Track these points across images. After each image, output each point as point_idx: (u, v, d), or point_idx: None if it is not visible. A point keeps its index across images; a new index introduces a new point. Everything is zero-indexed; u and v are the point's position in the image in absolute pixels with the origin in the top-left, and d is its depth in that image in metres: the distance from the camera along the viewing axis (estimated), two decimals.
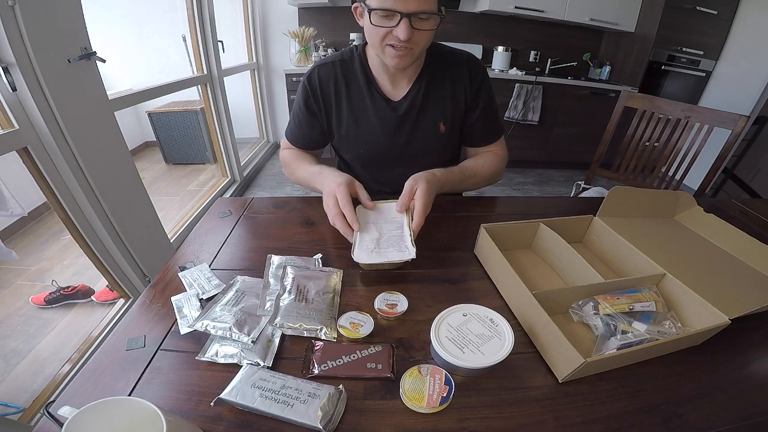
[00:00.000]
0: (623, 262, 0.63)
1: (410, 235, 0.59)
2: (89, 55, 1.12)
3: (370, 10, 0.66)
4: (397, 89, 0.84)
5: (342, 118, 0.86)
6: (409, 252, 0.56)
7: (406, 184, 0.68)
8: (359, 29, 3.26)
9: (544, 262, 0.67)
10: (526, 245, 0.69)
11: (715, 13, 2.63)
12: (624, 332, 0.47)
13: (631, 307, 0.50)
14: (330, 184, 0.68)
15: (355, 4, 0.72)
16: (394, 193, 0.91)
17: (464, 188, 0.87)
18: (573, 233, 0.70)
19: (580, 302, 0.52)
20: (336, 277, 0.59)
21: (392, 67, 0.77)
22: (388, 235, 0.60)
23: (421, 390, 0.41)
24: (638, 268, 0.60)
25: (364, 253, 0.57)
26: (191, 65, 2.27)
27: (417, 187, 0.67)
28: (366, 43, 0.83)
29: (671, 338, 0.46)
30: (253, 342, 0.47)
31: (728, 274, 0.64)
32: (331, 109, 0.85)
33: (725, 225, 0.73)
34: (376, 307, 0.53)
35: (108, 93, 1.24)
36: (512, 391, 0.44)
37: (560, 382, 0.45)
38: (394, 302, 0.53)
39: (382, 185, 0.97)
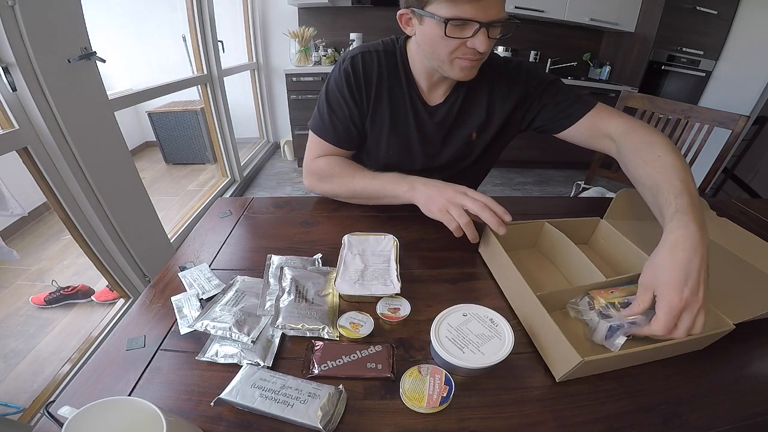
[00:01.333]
0: (631, 265, 0.63)
1: (396, 269, 0.58)
2: (89, 55, 1.12)
3: (446, 21, 0.59)
4: (433, 95, 0.79)
5: (378, 113, 0.79)
6: (394, 287, 0.55)
7: (646, 284, 0.46)
8: (359, 29, 3.23)
9: (548, 261, 0.67)
10: (530, 244, 0.69)
11: (715, 13, 2.63)
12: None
13: (625, 300, 0.50)
14: (445, 187, 0.63)
15: (402, 11, 0.67)
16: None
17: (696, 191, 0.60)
18: (579, 235, 0.69)
19: (577, 299, 0.52)
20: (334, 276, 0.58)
21: (457, 79, 0.70)
22: (373, 268, 0.58)
23: (421, 390, 0.41)
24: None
25: (346, 284, 0.55)
26: (191, 65, 2.27)
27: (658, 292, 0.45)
28: (407, 38, 0.77)
29: (674, 342, 0.46)
30: (253, 342, 0.47)
31: (734, 275, 0.63)
32: (371, 101, 0.77)
33: (732, 226, 0.72)
34: (378, 311, 0.52)
35: (108, 93, 1.24)
36: (512, 391, 0.44)
37: (557, 381, 0.45)
38: (396, 306, 0.53)
39: None
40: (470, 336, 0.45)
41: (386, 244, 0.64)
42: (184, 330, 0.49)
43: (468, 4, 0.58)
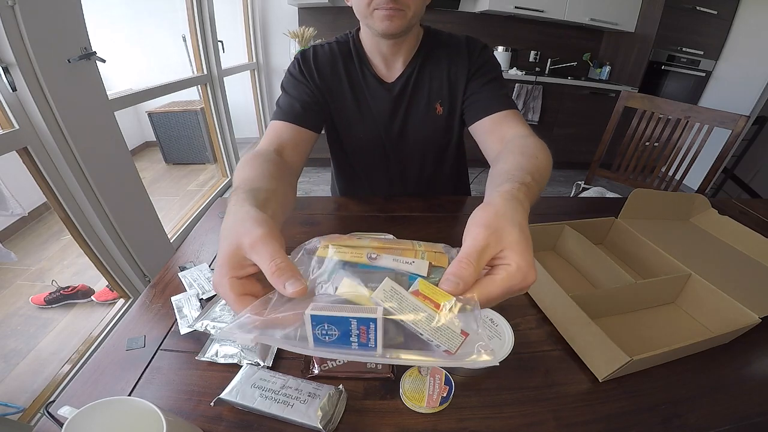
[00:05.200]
0: (647, 263, 0.63)
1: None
2: (89, 55, 1.12)
3: None
4: (391, 71, 0.82)
5: (344, 99, 0.82)
6: None
7: (472, 228, 0.30)
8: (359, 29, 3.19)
9: (568, 263, 0.67)
10: (549, 247, 0.69)
11: (715, 13, 2.63)
12: None
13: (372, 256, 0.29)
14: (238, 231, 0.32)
15: None
16: (389, 193, 0.88)
17: (539, 195, 0.48)
18: (595, 235, 0.70)
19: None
20: None
21: (383, 33, 0.69)
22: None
23: (421, 390, 0.41)
24: (662, 269, 0.60)
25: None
26: (191, 65, 2.27)
27: (505, 249, 0.29)
28: (359, 28, 0.81)
29: (703, 339, 0.46)
30: None
31: (747, 274, 0.64)
32: (330, 89, 0.80)
33: (739, 227, 0.73)
34: None
35: (108, 93, 1.25)
36: (512, 391, 0.44)
37: (600, 381, 0.45)
38: None
39: (381, 178, 0.94)
40: None
41: None
42: (184, 330, 0.49)
43: None
